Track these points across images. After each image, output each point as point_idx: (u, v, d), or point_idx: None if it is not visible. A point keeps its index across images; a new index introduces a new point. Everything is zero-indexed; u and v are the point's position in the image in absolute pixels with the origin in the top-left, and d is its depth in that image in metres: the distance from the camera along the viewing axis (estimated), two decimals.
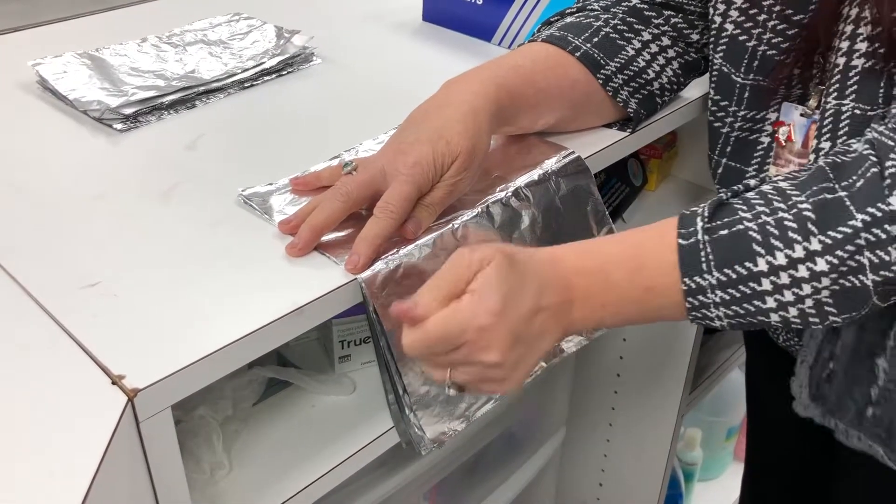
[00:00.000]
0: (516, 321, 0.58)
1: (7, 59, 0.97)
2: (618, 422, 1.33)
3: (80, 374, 0.54)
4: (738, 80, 0.78)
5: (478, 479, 1.12)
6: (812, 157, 0.73)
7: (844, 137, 0.70)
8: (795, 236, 0.59)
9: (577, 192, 0.77)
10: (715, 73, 0.81)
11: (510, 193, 0.73)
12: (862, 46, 0.68)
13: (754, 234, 0.60)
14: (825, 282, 0.59)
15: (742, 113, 0.80)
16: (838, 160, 0.61)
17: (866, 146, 0.61)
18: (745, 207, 0.61)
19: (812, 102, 0.75)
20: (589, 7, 0.85)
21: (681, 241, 0.61)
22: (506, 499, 1.15)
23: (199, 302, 0.60)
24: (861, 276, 0.59)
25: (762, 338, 0.92)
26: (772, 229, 0.60)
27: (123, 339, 0.57)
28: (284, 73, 0.97)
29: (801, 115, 0.75)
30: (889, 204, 0.57)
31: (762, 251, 0.60)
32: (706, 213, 0.62)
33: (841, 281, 0.59)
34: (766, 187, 0.63)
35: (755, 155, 0.81)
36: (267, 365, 0.75)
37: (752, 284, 0.60)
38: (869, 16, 0.67)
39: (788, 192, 0.61)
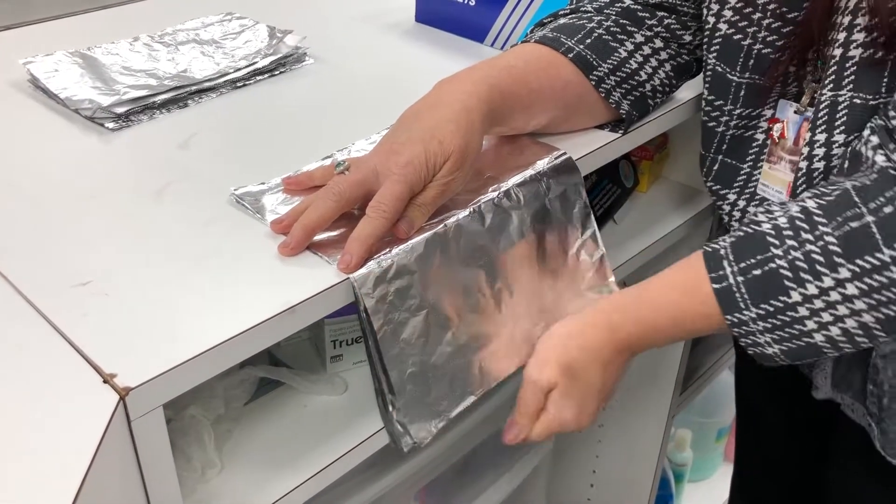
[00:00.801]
0: (598, 398, 0.73)
1: None
2: (609, 423, 1.33)
3: (71, 373, 0.54)
4: (734, 78, 0.79)
5: (468, 480, 1.12)
6: (806, 150, 0.73)
7: (842, 128, 0.70)
8: (823, 269, 0.62)
9: (566, 194, 0.77)
10: (709, 73, 0.81)
11: (501, 194, 0.73)
12: (859, 37, 0.68)
13: (785, 272, 0.63)
14: (860, 304, 0.62)
15: (738, 111, 0.80)
16: (865, 182, 0.62)
17: (885, 160, 0.62)
18: (776, 242, 0.64)
19: (805, 99, 0.75)
20: (582, 8, 0.85)
21: (714, 285, 0.66)
22: (496, 500, 1.14)
23: (190, 301, 0.60)
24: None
25: None
26: (801, 263, 0.63)
27: (115, 337, 0.56)
28: (277, 72, 0.97)
29: (795, 112, 0.75)
30: None
31: (794, 285, 0.63)
32: (731, 255, 0.66)
33: (881, 308, 0.62)
34: (794, 209, 0.64)
35: (750, 152, 0.81)
36: (258, 364, 0.74)
37: (790, 313, 0.64)
38: (866, 5, 0.67)
39: (815, 218, 0.63)
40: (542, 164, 0.76)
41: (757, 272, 0.64)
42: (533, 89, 0.77)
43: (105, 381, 0.52)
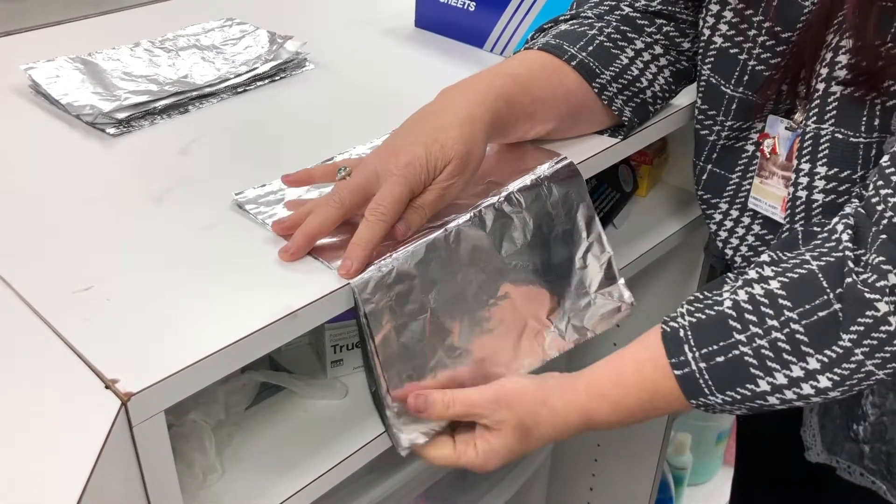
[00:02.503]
0: (516, 459, 0.72)
1: None
2: None
3: (73, 379, 0.54)
4: (728, 91, 0.79)
5: (468, 485, 1.12)
6: (793, 176, 0.73)
7: (825, 160, 0.70)
8: (791, 359, 0.61)
9: (568, 198, 0.77)
10: (703, 83, 0.82)
11: (503, 199, 0.73)
12: (840, 74, 0.68)
13: (750, 360, 0.62)
14: (833, 394, 0.61)
15: (729, 123, 0.80)
16: (829, 261, 0.61)
17: (848, 232, 0.61)
18: (738, 326, 0.63)
19: (798, 116, 0.75)
20: (583, 14, 0.85)
21: (676, 371, 0.65)
22: None
23: (192, 306, 0.61)
24: (873, 378, 0.61)
25: None
26: (766, 352, 0.62)
27: (117, 343, 0.57)
28: (277, 78, 0.97)
29: (787, 128, 0.76)
30: (877, 310, 0.58)
31: (761, 374, 0.62)
32: (692, 340, 0.65)
33: (856, 387, 0.61)
34: (757, 290, 0.63)
35: (739, 162, 0.82)
36: (259, 369, 0.75)
37: (759, 401, 0.64)
38: (847, 45, 0.67)
39: (781, 301, 0.62)
40: (543, 169, 0.76)
41: (720, 359, 0.63)
42: (537, 98, 0.77)
43: (107, 387, 0.53)
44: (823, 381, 0.61)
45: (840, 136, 0.69)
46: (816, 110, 0.71)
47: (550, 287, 0.76)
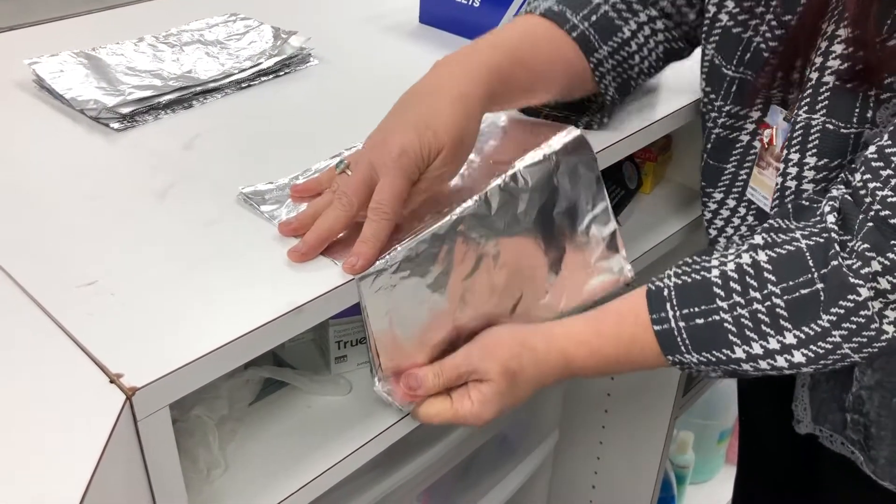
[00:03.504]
0: (510, 408, 0.71)
1: (3, 58, 0.97)
2: (611, 425, 1.33)
3: (77, 373, 0.54)
4: (728, 73, 0.78)
5: (470, 482, 1.12)
6: (781, 166, 0.73)
7: (814, 151, 0.70)
8: (769, 331, 0.63)
9: (576, 171, 0.76)
10: (706, 63, 0.81)
11: (508, 178, 0.72)
12: (833, 64, 0.68)
13: (729, 326, 0.64)
14: (806, 370, 0.63)
15: (727, 108, 0.79)
16: (819, 241, 0.62)
17: (834, 224, 0.62)
18: (722, 294, 0.64)
19: (793, 109, 0.75)
20: None
21: (655, 326, 0.67)
22: (498, 501, 1.15)
23: (196, 301, 0.60)
24: (848, 360, 0.63)
25: None
26: (746, 322, 0.63)
27: (121, 337, 0.57)
28: (281, 73, 0.97)
29: (784, 119, 0.75)
30: (859, 294, 0.59)
31: (738, 341, 0.64)
32: (675, 299, 0.66)
33: (829, 366, 0.63)
34: (745, 259, 0.64)
35: (734, 153, 0.81)
36: (263, 365, 0.75)
37: (732, 366, 0.65)
38: (843, 34, 0.67)
39: (765, 275, 0.63)
40: (551, 144, 0.75)
41: (699, 321, 0.65)
42: (534, 71, 0.75)
43: (111, 381, 0.53)
44: (798, 357, 0.62)
45: (831, 127, 0.69)
46: (808, 100, 0.70)
47: (550, 257, 0.76)
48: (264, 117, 0.88)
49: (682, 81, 1.00)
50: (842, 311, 0.60)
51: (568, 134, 0.77)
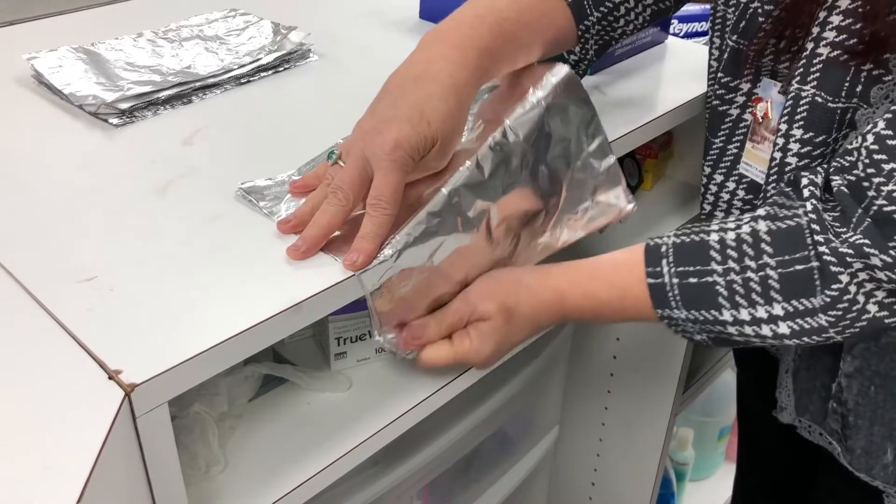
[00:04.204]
0: (509, 348, 0.72)
1: (2, 53, 0.97)
2: (611, 421, 1.33)
3: (76, 369, 0.53)
4: (726, 40, 0.78)
5: (471, 479, 1.12)
6: (774, 138, 0.72)
7: (801, 123, 0.69)
8: (759, 300, 0.63)
9: (566, 110, 0.74)
10: (717, 26, 0.80)
11: (498, 136, 0.70)
12: (829, 35, 0.67)
13: (720, 289, 0.64)
14: (789, 342, 0.64)
15: (719, 76, 0.79)
16: (818, 218, 0.62)
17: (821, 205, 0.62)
18: (718, 258, 0.65)
19: (787, 81, 0.74)
20: None
21: (649, 279, 0.67)
22: (498, 498, 1.14)
23: (195, 297, 0.60)
24: (830, 341, 0.63)
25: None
26: (738, 287, 0.64)
27: (120, 333, 0.56)
28: (281, 69, 0.97)
29: (780, 91, 0.74)
30: (847, 284, 0.60)
31: (727, 305, 0.64)
32: (671, 256, 0.66)
33: (810, 343, 0.63)
34: (745, 229, 0.64)
35: (722, 128, 0.80)
36: (262, 361, 0.74)
37: (718, 327, 0.66)
38: (843, 6, 0.66)
39: (763, 246, 0.63)
40: (538, 90, 0.73)
41: (693, 280, 0.65)
42: (523, 44, 0.75)
43: (110, 378, 0.52)
44: (783, 328, 0.63)
45: (819, 100, 0.68)
46: (801, 70, 0.69)
47: (548, 201, 0.75)
48: (264, 113, 0.88)
49: (683, 78, 1.00)
50: (834, 294, 0.61)
51: (556, 74, 0.74)
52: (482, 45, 0.70)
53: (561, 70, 0.74)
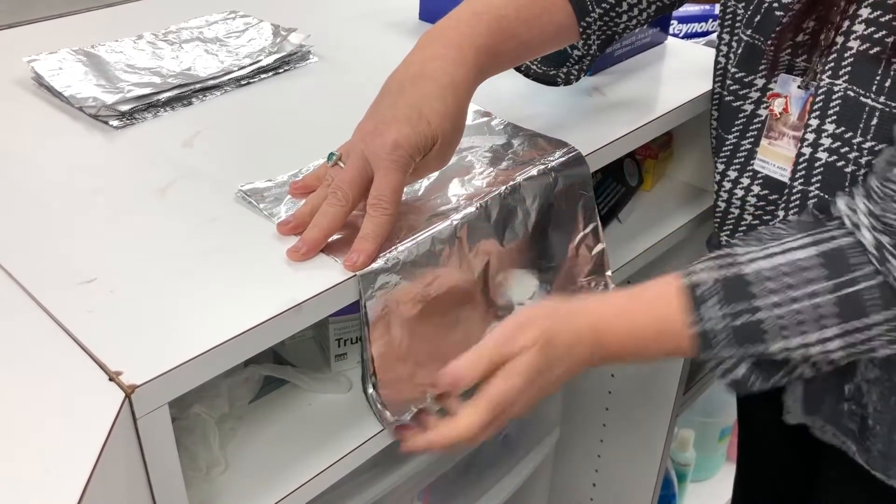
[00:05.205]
0: (546, 387, 0.65)
1: (2, 56, 0.97)
2: (612, 422, 1.33)
3: (76, 371, 0.53)
4: (738, 35, 0.77)
5: (471, 480, 1.12)
6: (803, 135, 0.72)
7: (834, 118, 0.69)
8: (808, 328, 0.63)
9: (572, 189, 0.77)
10: (728, 17, 0.80)
11: (509, 188, 0.73)
12: (859, 28, 0.66)
13: (765, 326, 0.64)
14: (837, 355, 0.64)
15: (733, 71, 0.79)
16: (859, 240, 0.62)
17: (871, 242, 0.62)
18: (757, 293, 0.63)
19: (810, 76, 0.73)
20: None
21: (691, 329, 0.65)
22: (499, 499, 1.14)
23: (196, 298, 0.60)
24: (875, 356, 0.64)
25: None
26: (783, 321, 0.63)
27: (121, 335, 0.56)
28: (281, 71, 0.97)
29: (799, 87, 0.74)
30: None
31: (775, 338, 0.64)
32: (711, 301, 0.64)
33: (855, 354, 0.64)
34: (779, 260, 0.63)
35: (736, 124, 0.80)
36: (263, 363, 0.74)
37: (765, 356, 0.65)
38: None
39: (805, 275, 0.62)
40: (551, 160, 0.76)
41: (736, 323, 0.64)
42: (522, 41, 0.74)
43: (111, 379, 0.52)
44: (832, 345, 0.63)
45: (852, 94, 0.68)
46: (832, 65, 0.69)
47: (542, 273, 0.77)
48: (263, 115, 0.88)
49: (682, 78, 1.00)
50: (891, 314, 0.61)
51: (568, 153, 0.78)
52: (480, 43, 0.70)
53: (571, 150, 0.78)
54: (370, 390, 0.67)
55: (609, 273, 0.80)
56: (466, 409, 0.63)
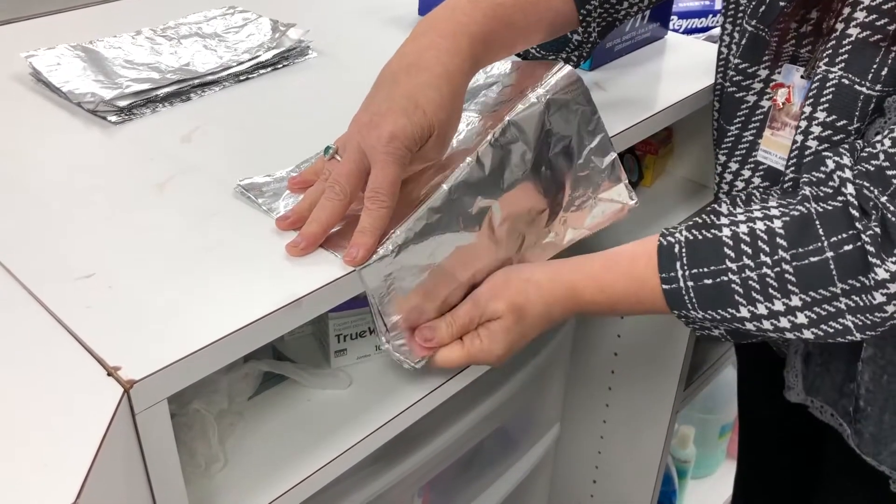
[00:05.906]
0: (523, 345, 0.71)
1: (0, 51, 0.97)
2: (612, 419, 1.33)
3: (75, 366, 0.53)
4: (741, 25, 0.77)
5: (472, 476, 1.12)
6: (799, 123, 0.71)
7: (826, 105, 0.69)
8: (776, 294, 0.63)
9: (567, 107, 0.74)
10: (731, 8, 0.80)
11: (498, 132, 0.70)
12: (860, 15, 0.66)
13: (736, 287, 0.64)
14: (807, 333, 0.63)
15: (735, 62, 0.78)
16: (827, 207, 0.61)
17: (852, 193, 0.61)
18: (732, 255, 0.64)
19: (812, 65, 0.73)
20: None
21: (664, 286, 0.66)
22: (500, 495, 1.14)
23: (195, 294, 0.60)
24: (848, 337, 0.63)
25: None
26: (754, 284, 0.63)
27: (119, 330, 0.56)
28: (280, 66, 0.97)
29: (802, 76, 0.73)
30: (876, 274, 0.59)
31: (744, 301, 0.64)
32: (685, 258, 0.66)
33: (826, 329, 0.63)
34: (759, 225, 0.63)
35: (738, 115, 0.79)
36: (262, 359, 0.74)
37: (736, 323, 0.65)
38: None
39: (778, 240, 0.62)
40: (540, 85, 0.73)
41: (708, 281, 0.65)
42: (518, 28, 0.74)
43: (109, 374, 0.52)
44: (800, 318, 0.63)
45: (846, 82, 0.67)
46: (830, 52, 0.68)
47: (551, 199, 0.75)
48: (262, 110, 0.87)
49: (682, 74, 0.99)
50: (857, 285, 0.60)
51: (557, 72, 0.74)
52: (475, 31, 0.69)
53: (562, 68, 0.74)
54: (385, 344, 0.68)
55: (625, 181, 0.77)
56: (449, 350, 0.70)
